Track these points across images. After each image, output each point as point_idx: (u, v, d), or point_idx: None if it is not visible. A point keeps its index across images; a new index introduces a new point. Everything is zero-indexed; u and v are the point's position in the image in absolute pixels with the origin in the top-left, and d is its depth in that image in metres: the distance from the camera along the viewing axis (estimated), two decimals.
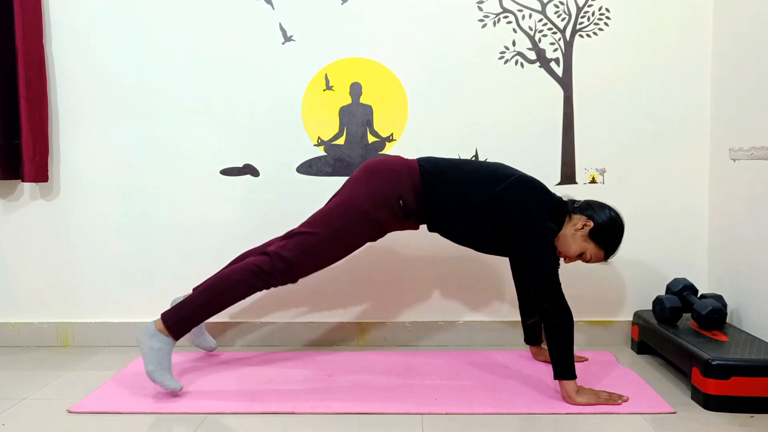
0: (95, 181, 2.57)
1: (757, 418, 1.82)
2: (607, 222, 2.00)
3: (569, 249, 2.02)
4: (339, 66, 2.51)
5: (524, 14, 2.48)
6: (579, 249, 2.01)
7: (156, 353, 1.94)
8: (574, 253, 2.02)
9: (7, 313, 2.61)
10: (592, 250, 2.01)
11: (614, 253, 2.03)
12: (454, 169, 2.04)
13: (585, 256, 2.02)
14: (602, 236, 1.99)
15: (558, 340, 1.90)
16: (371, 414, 1.87)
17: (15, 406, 1.97)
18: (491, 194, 1.99)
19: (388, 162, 2.07)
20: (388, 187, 2.00)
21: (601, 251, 2.01)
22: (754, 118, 2.20)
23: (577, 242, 2.00)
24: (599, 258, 2.03)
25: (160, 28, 2.51)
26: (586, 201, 2.07)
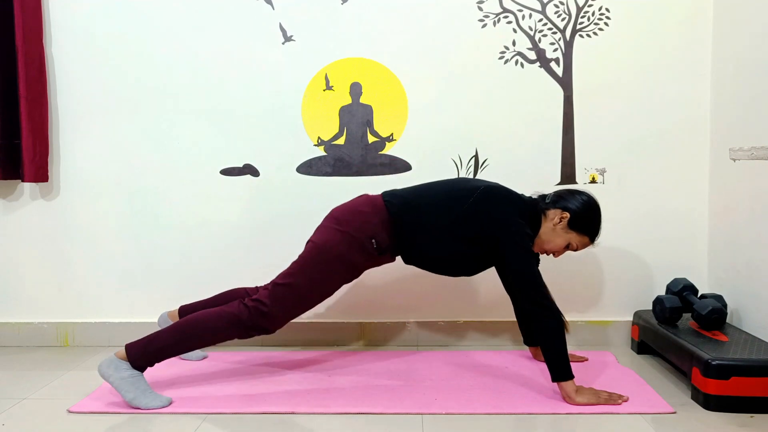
0: (95, 181, 2.57)
1: (757, 418, 1.82)
2: (582, 208, 2.01)
3: (553, 244, 2.04)
4: (339, 66, 2.51)
5: (524, 14, 2.48)
6: (563, 242, 2.03)
7: (129, 381, 1.89)
8: (560, 247, 2.04)
9: (7, 313, 2.61)
10: (575, 239, 2.03)
11: (598, 234, 2.05)
12: (419, 196, 2.04)
13: (571, 247, 2.05)
14: (581, 223, 2.01)
15: (550, 342, 1.90)
16: (371, 414, 1.87)
17: (15, 406, 1.97)
18: (462, 210, 1.97)
19: (353, 206, 2.06)
20: (359, 230, 1.98)
21: (585, 237, 2.04)
22: (754, 118, 2.19)
23: (559, 236, 2.02)
24: (585, 244, 2.05)
25: (161, 28, 2.51)
26: (555, 193, 2.08)
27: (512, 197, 2.03)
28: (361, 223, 1.99)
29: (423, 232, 1.99)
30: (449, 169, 2.52)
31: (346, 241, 1.98)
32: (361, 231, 1.98)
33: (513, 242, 1.94)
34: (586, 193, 2.06)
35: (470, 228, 1.97)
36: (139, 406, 1.89)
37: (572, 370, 1.92)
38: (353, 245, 1.98)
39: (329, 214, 2.09)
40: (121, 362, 1.91)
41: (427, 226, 1.99)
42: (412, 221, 1.99)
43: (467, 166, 2.53)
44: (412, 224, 1.99)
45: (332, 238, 1.99)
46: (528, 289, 1.93)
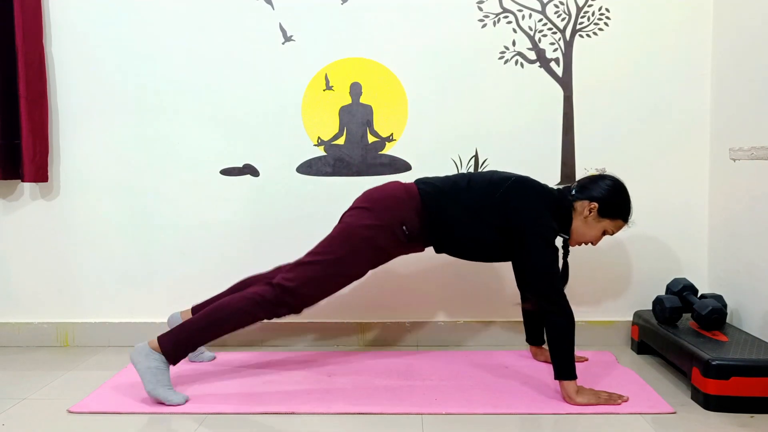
0: (95, 181, 2.57)
1: (757, 418, 1.82)
2: (608, 194, 2.00)
3: (589, 236, 2.03)
4: (339, 66, 2.51)
5: (524, 14, 2.48)
6: (597, 231, 2.02)
7: (154, 372, 1.91)
8: (595, 237, 2.04)
9: (7, 313, 2.61)
10: (610, 226, 2.02)
11: (630, 214, 2.04)
12: (452, 185, 2.05)
13: (607, 233, 2.04)
14: (611, 209, 2.00)
15: (559, 340, 1.91)
16: (371, 414, 1.87)
17: (15, 406, 1.97)
18: (493, 200, 1.99)
19: (388, 189, 2.07)
20: (391, 215, 1.99)
21: (619, 221, 2.03)
22: (754, 118, 2.19)
23: (593, 227, 2.02)
24: (620, 227, 2.04)
25: (161, 28, 2.51)
26: (579, 183, 2.07)
27: (541, 190, 2.02)
28: (394, 208, 2.00)
29: (454, 220, 2.00)
30: (449, 169, 2.52)
31: (376, 224, 1.99)
32: (393, 216, 1.99)
33: (535, 234, 1.94)
34: (610, 177, 2.04)
35: (499, 217, 1.98)
36: (157, 397, 1.90)
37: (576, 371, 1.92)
38: (384, 229, 1.99)
39: (363, 195, 2.09)
40: (153, 352, 1.93)
41: (459, 213, 1.99)
42: (445, 208, 2.00)
43: (467, 166, 2.53)
44: (444, 213, 2.00)
45: (363, 220, 2.00)
46: (542, 285, 1.93)
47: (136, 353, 1.93)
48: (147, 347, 1.94)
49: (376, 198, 2.05)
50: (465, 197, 2.01)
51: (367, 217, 2.00)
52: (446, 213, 2.00)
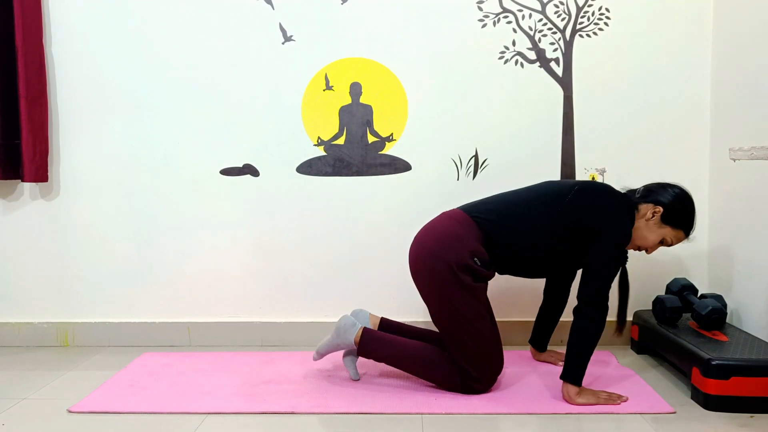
0: (95, 181, 2.57)
1: (757, 418, 1.82)
2: (675, 201, 1.95)
3: (647, 240, 1.97)
4: (339, 66, 2.51)
5: (524, 14, 2.48)
6: (657, 237, 1.96)
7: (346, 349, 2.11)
8: (653, 243, 1.98)
9: (7, 313, 2.61)
10: (670, 234, 1.97)
11: (693, 228, 1.98)
12: (506, 205, 2.01)
13: (666, 242, 1.98)
14: (675, 217, 1.95)
15: (582, 345, 1.90)
16: (371, 414, 1.87)
17: (15, 406, 1.97)
18: (560, 208, 1.94)
19: (443, 231, 1.98)
20: (459, 254, 1.92)
21: (680, 231, 1.97)
22: (754, 118, 2.19)
23: (653, 231, 1.96)
24: (680, 238, 1.98)
25: (161, 27, 2.51)
26: (645, 187, 2.02)
27: (613, 190, 1.99)
28: (459, 247, 1.93)
29: (518, 239, 1.96)
30: (449, 169, 2.52)
31: (456, 271, 1.91)
32: (463, 254, 1.92)
33: (611, 238, 1.89)
34: (678, 186, 1.99)
35: (569, 221, 1.93)
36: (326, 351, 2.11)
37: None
38: (463, 270, 1.92)
39: (420, 244, 2.00)
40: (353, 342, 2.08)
41: (522, 232, 1.96)
42: (506, 230, 1.96)
43: (467, 166, 2.53)
44: (506, 233, 1.96)
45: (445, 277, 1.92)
46: (594, 287, 1.88)
47: (344, 325, 2.09)
48: (350, 331, 2.07)
49: (436, 246, 1.95)
50: (526, 214, 1.97)
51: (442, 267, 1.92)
52: (508, 237, 1.96)
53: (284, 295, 2.57)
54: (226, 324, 2.58)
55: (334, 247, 2.55)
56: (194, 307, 2.59)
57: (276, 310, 2.58)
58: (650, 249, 2.01)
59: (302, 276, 2.57)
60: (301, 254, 2.56)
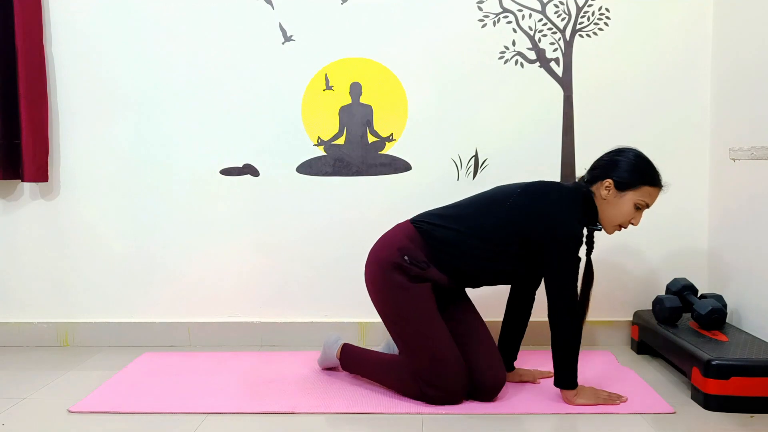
0: (95, 181, 2.57)
1: (757, 418, 1.82)
2: (620, 166, 1.88)
3: (619, 215, 1.88)
4: (339, 66, 2.51)
5: (524, 14, 2.48)
6: (627, 207, 1.87)
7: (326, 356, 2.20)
8: (627, 214, 1.87)
9: (7, 313, 2.61)
10: (636, 197, 1.86)
11: (654, 176, 1.87)
12: (452, 208, 2.00)
13: (641, 205, 1.87)
14: (629, 180, 1.86)
15: (566, 348, 1.87)
16: (371, 414, 1.87)
17: (15, 405, 1.97)
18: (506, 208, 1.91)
19: (384, 237, 2.01)
20: (390, 253, 1.92)
21: (644, 188, 1.86)
22: (754, 118, 2.20)
23: (618, 204, 1.87)
24: (651, 194, 1.87)
25: (160, 27, 2.51)
26: (588, 170, 1.96)
27: (558, 188, 1.93)
28: (391, 246, 1.94)
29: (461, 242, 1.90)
30: (449, 169, 2.52)
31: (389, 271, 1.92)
32: (392, 253, 1.92)
33: (561, 245, 1.83)
34: (616, 149, 1.92)
35: (513, 225, 1.88)
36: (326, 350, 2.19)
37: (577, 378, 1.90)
38: (394, 269, 1.91)
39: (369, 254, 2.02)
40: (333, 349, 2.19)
41: (465, 234, 1.90)
42: (449, 233, 1.92)
43: (467, 166, 2.53)
44: (449, 236, 1.91)
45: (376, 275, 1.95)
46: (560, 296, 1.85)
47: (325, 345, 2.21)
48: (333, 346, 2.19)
49: (376, 249, 1.99)
50: (467, 217, 1.93)
51: (376, 269, 1.95)
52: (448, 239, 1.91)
53: (284, 295, 2.57)
54: (226, 324, 2.58)
55: (334, 247, 2.55)
56: (194, 307, 2.59)
57: (276, 310, 2.58)
58: (632, 221, 1.89)
59: (302, 276, 2.57)
60: (301, 254, 2.56)
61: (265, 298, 2.58)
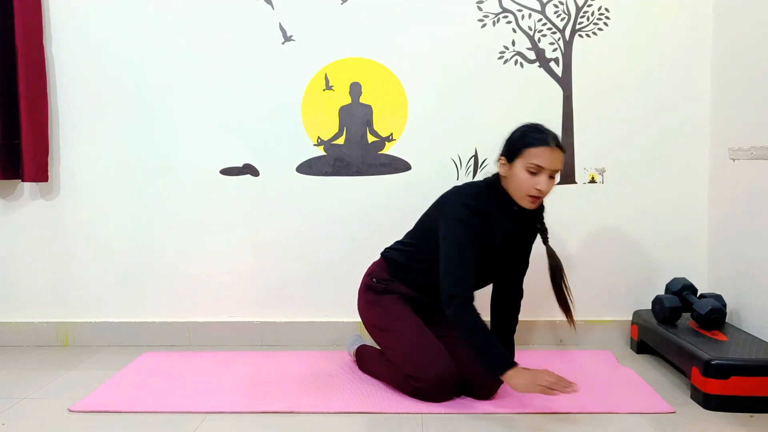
0: (95, 181, 2.57)
1: (757, 417, 1.82)
2: (507, 139, 1.96)
3: (521, 184, 1.88)
4: (339, 66, 2.52)
5: (524, 14, 2.48)
6: (521, 174, 1.87)
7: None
8: (524, 180, 1.87)
9: (7, 313, 2.61)
10: (524, 162, 1.86)
11: (539, 137, 1.87)
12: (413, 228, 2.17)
13: (531, 170, 1.86)
14: (512, 148, 1.91)
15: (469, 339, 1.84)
16: (371, 414, 1.87)
17: (15, 405, 1.97)
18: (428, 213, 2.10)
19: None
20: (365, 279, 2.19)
21: (526, 151, 1.86)
22: (754, 118, 2.20)
23: (514, 174, 1.89)
24: (538, 155, 1.84)
25: (160, 27, 2.51)
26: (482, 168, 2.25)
27: (461, 186, 2.04)
28: (365, 276, 2.20)
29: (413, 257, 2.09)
30: (449, 169, 2.52)
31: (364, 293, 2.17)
32: (365, 279, 2.19)
33: (445, 221, 1.93)
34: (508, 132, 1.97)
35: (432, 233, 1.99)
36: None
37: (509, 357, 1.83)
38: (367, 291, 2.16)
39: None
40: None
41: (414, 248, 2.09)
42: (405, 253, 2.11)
43: (467, 165, 2.53)
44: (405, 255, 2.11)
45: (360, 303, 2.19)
46: (444, 281, 1.89)
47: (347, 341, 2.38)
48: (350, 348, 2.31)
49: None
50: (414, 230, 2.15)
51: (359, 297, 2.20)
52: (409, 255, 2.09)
53: (284, 295, 2.57)
54: (226, 324, 2.58)
55: (334, 247, 2.55)
56: (194, 307, 2.59)
57: (276, 310, 2.58)
58: (537, 186, 1.86)
59: (302, 276, 2.57)
60: (301, 254, 2.56)
61: (265, 298, 2.58)
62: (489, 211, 1.94)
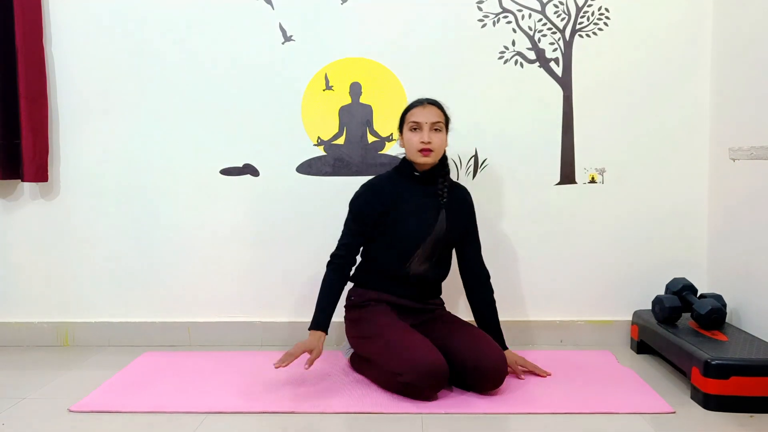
0: (95, 181, 2.57)
1: (757, 418, 1.82)
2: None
3: (409, 143, 2.13)
4: (339, 66, 2.52)
5: (524, 14, 2.48)
6: (407, 134, 2.14)
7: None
8: (411, 138, 2.12)
9: (7, 313, 2.61)
10: (408, 124, 2.13)
11: (415, 100, 2.18)
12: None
13: (414, 126, 2.12)
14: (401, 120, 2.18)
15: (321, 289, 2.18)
16: (371, 414, 1.87)
17: (15, 405, 1.97)
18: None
19: None
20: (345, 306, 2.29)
21: (406, 114, 2.16)
22: (754, 118, 2.20)
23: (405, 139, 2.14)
24: (417, 113, 2.13)
25: (160, 27, 2.51)
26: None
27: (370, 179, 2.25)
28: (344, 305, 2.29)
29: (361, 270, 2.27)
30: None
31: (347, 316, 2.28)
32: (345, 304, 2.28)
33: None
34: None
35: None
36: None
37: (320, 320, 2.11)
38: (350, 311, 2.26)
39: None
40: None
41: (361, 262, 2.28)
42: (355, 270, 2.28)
43: (467, 166, 2.53)
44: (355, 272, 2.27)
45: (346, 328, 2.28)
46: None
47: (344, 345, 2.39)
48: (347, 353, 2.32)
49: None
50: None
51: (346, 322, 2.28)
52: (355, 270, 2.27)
53: (284, 295, 2.57)
54: (226, 324, 2.58)
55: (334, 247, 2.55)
56: (194, 307, 2.59)
57: (276, 310, 2.58)
58: (422, 140, 2.09)
59: (302, 276, 2.56)
60: (301, 254, 2.56)
61: (265, 298, 2.58)
62: (395, 187, 2.16)
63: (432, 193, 2.17)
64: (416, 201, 2.15)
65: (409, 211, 2.14)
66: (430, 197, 2.16)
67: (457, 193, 2.22)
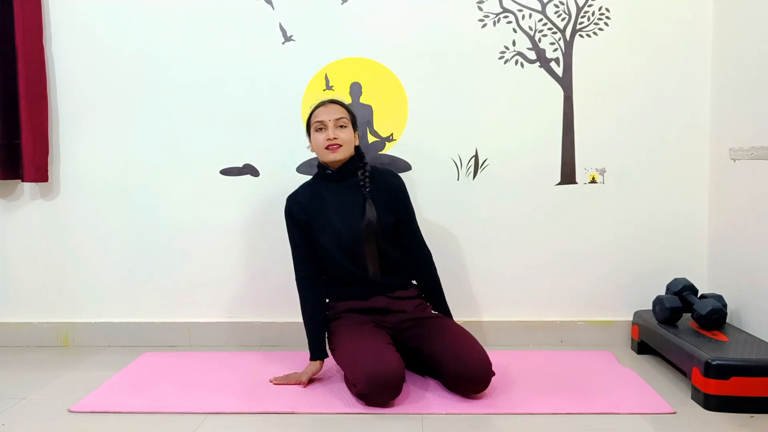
0: (95, 181, 2.57)
1: (757, 418, 1.82)
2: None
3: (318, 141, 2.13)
4: (339, 66, 2.51)
5: (524, 14, 2.48)
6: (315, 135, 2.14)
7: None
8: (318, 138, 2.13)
9: (7, 313, 2.61)
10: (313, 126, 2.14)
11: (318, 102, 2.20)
12: None
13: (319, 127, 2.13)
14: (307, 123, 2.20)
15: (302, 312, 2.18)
16: (371, 414, 1.87)
17: (15, 405, 1.97)
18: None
19: None
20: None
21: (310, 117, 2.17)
22: (754, 118, 2.20)
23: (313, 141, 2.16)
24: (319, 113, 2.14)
25: (161, 27, 2.51)
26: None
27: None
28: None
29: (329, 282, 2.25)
30: (449, 169, 2.52)
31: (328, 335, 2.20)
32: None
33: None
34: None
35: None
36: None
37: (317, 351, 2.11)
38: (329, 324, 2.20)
39: None
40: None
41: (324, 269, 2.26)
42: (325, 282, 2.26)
43: (467, 166, 2.53)
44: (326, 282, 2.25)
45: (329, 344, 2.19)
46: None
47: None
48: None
49: None
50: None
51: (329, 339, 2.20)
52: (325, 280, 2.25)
53: (284, 295, 2.56)
54: (226, 324, 2.58)
55: None
56: (194, 307, 2.59)
57: (276, 310, 2.58)
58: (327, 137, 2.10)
59: None
60: None
61: (265, 298, 2.58)
62: (316, 193, 2.18)
63: (354, 186, 2.15)
64: (339, 200, 2.14)
65: (334, 211, 2.14)
66: (352, 193, 2.14)
67: (380, 179, 2.17)
